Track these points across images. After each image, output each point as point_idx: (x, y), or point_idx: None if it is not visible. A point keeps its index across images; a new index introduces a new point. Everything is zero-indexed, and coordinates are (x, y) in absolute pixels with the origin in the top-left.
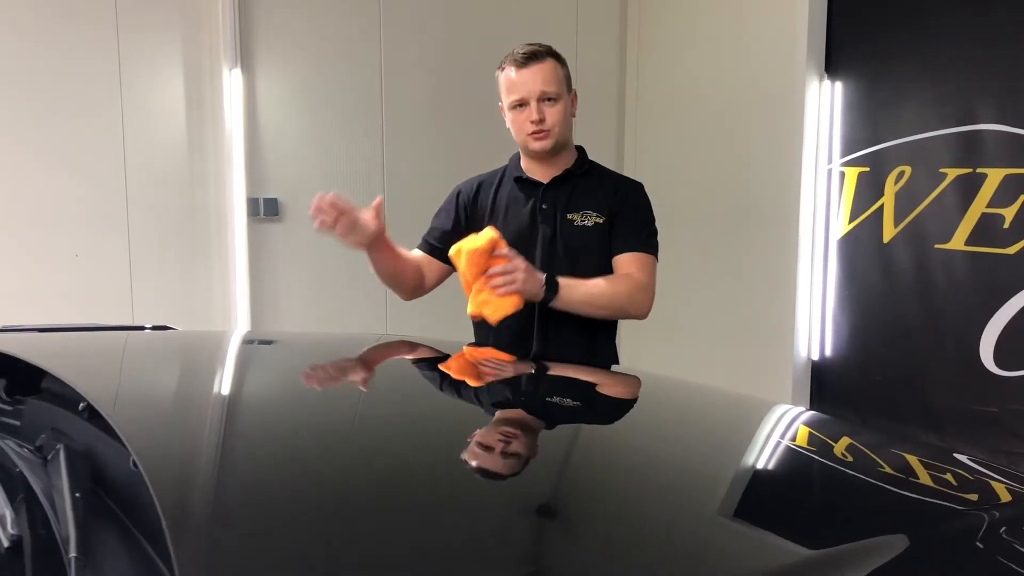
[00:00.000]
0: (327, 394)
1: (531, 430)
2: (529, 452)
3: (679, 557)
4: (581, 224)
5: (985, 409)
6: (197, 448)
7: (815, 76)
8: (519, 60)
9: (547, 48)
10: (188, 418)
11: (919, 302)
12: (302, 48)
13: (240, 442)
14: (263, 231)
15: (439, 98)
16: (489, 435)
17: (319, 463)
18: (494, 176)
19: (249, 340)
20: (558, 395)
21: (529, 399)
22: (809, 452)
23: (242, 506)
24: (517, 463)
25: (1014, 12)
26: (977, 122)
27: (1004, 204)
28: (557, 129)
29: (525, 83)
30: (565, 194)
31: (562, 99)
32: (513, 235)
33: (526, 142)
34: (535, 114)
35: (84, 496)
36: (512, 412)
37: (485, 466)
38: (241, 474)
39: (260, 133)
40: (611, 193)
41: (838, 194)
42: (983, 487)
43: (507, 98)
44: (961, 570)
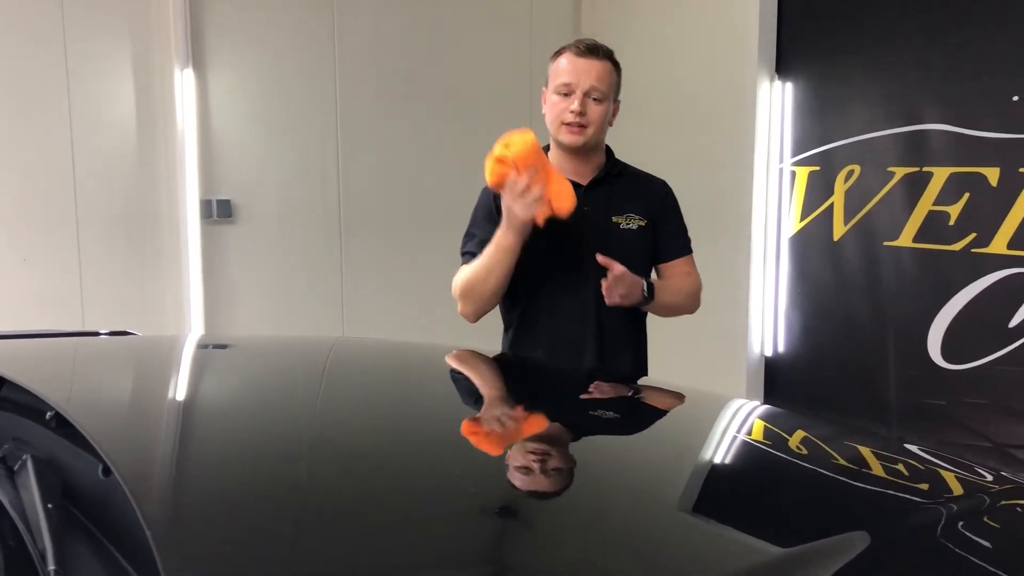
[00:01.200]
0: (299, 397)
1: (494, 432)
2: (497, 454)
3: (639, 556)
4: (627, 227)
5: (933, 402)
6: (172, 455)
7: (766, 77)
8: (580, 49)
9: (609, 50)
10: (159, 426)
11: (869, 298)
12: (255, 47)
13: (214, 448)
14: (216, 233)
15: (394, 98)
16: (451, 437)
17: (296, 467)
18: None
19: (213, 344)
20: (522, 397)
21: (495, 400)
22: (767, 446)
23: (221, 513)
24: (486, 465)
25: (958, 15)
26: (923, 122)
27: (949, 202)
28: (593, 129)
29: (578, 72)
30: (606, 196)
31: (607, 102)
32: (557, 238)
33: (559, 132)
34: (578, 104)
35: (56, 507)
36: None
37: (450, 466)
38: (217, 480)
39: (213, 134)
40: (650, 196)
41: (789, 193)
42: (934, 477)
43: (555, 81)
44: (915, 561)
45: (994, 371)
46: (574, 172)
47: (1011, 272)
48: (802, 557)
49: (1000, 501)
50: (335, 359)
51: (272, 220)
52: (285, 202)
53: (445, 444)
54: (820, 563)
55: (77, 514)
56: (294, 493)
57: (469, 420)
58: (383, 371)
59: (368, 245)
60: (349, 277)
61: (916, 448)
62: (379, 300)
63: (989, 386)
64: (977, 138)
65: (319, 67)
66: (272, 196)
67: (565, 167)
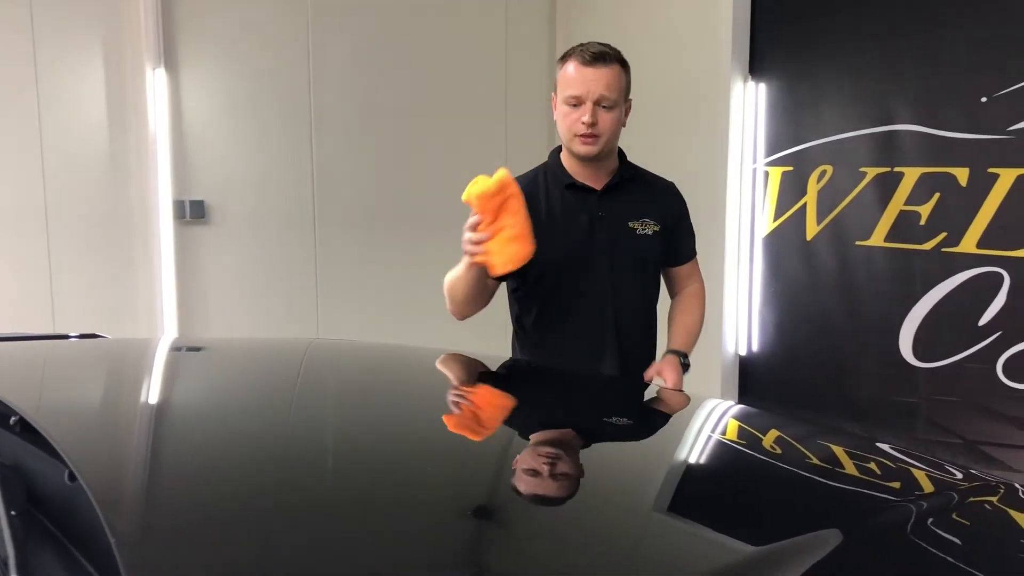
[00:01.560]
0: (272, 400)
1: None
2: (470, 453)
3: (613, 556)
4: (643, 232)
5: (905, 400)
6: (139, 461)
7: (740, 78)
8: (586, 58)
9: (616, 53)
10: (128, 431)
11: (841, 297)
12: (228, 47)
13: (182, 453)
14: (189, 234)
15: (369, 97)
16: (427, 441)
17: (267, 473)
18: (535, 180)
19: (183, 348)
20: (499, 399)
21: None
22: (741, 446)
23: (187, 520)
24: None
25: (929, 17)
26: (894, 122)
27: (920, 202)
28: (606, 137)
29: (586, 82)
30: (621, 201)
31: (618, 107)
32: (573, 245)
33: (572, 143)
34: (589, 116)
35: (21, 514)
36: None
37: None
38: (185, 487)
39: (185, 134)
40: (662, 200)
41: (763, 193)
42: (905, 475)
43: (563, 91)
44: (886, 558)
45: (964, 369)
46: (589, 177)
47: (980, 271)
48: (775, 555)
49: (969, 498)
50: (310, 362)
51: (246, 221)
52: (259, 203)
53: (421, 449)
54: (793, 561)
55: (43, 520)
56: (263, 500)
57: (446, 423)
58: (359, 374)
59: (343, 246)
60: (324, 278)
61: (888, 447)
62: (354, 301)
63: (960, 384)
64: (947, 139)
65: (293, 67)
66: (246, 197)
67: (579, 173)
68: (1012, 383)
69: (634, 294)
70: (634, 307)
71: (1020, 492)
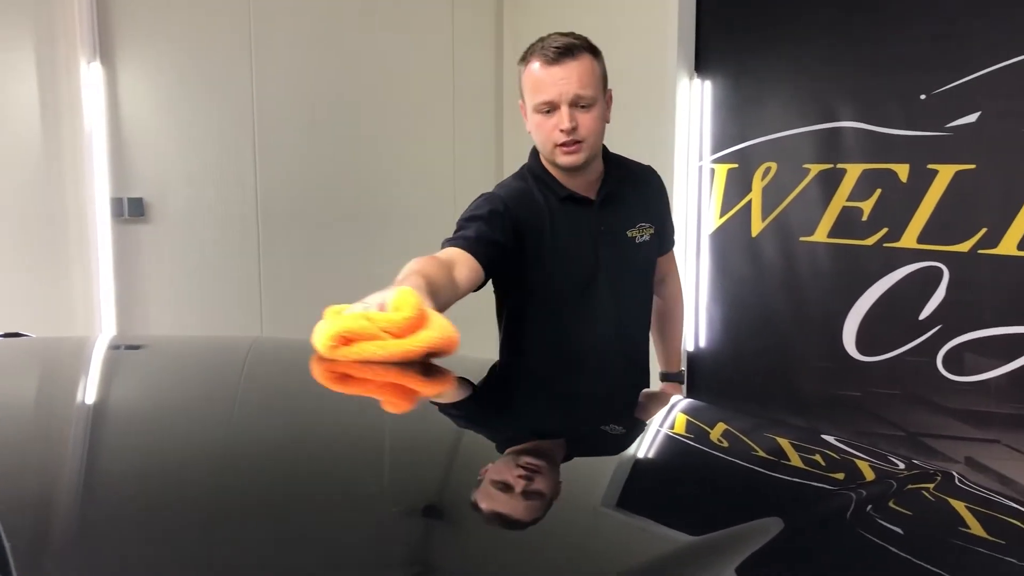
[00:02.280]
0: (212, 403)
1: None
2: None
3: (552, 550)
4: (642, 240)
5: (848, 393)
6: (53, 475)
7: (685, 75)
8: (551, 55)
9: (583, 41)
10: (43, 438)
11: (786, 293)
12: (167, 39)
13: (105, 465)
14: (128, 232)
15: (313, 92)
16: (377, 442)
17: (203, 485)
18: (524, 190)
19: (114, 345)
20: (446, 398)
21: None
22: (687, 440)
23: (105, 532)
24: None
25: (870, 15)
26: (837, 120)
27: (862, 198)
28: (591, 140)
29: (556, 83)
30: (618, 211)
31: (598, 103)
32: (577, 264)
33: (553, 155)
34: (567, 122)
35: None
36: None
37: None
38: (103, 507)
39: (123, 130)
40: (650, 195)
41: (709, 190)
42: (847, 465)
43: (532, 98)
44: (826, 543)
45: (905, 362)
46: (581, 186)
47: (921, 265)
48: (714, 544)
49: (907, 486)
50: (254, 360)
51: (187, 219)
52: (201, 200)
53: (368, 450)
54: (733, 549)
55: None
56: (194, 507)
57: (394, 422)
58: (305, 372)
59: (286, 245)
60: (267, 278)
61: (832, 438)
62: (298, 301)
63: (901, 377)
64: (888, 135)
65: (235, 60)
66: (187, 194)
67: (570, 181)
68: (951, 376)
69: (640, 308)
70: (640, 321)
71: (956, 480)
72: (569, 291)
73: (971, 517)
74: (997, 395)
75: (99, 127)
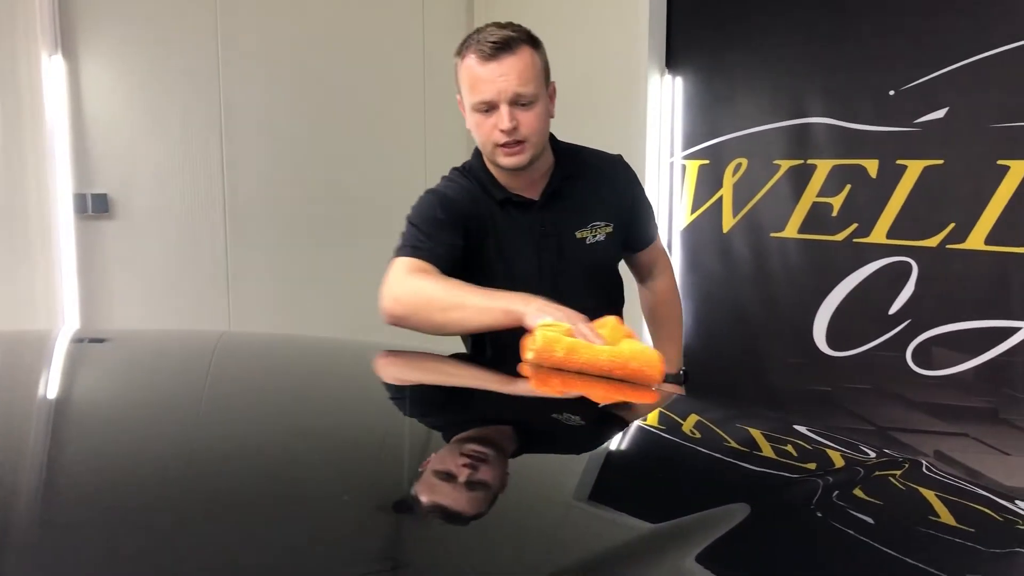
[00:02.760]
0: (177, 397)
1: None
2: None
3: (519, 540)
4: (594, 240)
5: (819, 389)
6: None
7: (656, 71)
8: (487, 51)
9: (522, 33)
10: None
11: (757, 289)
12: (132, 32)
13: (59, 467)
14: (92, 228)
15: (281, 88)
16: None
17: (160, 476)
18: (466, 189)
19: (79, 339)
20: (416, 395)
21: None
22: (659, 431)
23: (66, 530)
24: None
25: (839, 12)
26: (807, 116)
27: (832, 194)
28: (534, 139)
29: (494, 81)
30: (564, 209)
31: (539, 100)
32: (519, 270)
33: (494, 155)
34: (507, 122)
35: None
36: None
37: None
38: (63, 495)
39: (87, 124)
40: (609, 191)
41: (680, 186)
42: (817, 454)
43: (469, 97)
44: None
45: (876, 357)
46: (523, 186)
47: (890, 261)
48: (680, 529)
49: (874, 473)
50: (221, 354)
51: (153, 215)
52: (166, 197)
53: (337, 447)
54: (698, 534)
55: None
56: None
57: (364, 419)
58: (275, 366)
59: (255, 243)
60: (235, 276)
61: (805, 428)
62: (267, 302)
63: (871, 371)
64: (857, 131)
65: (201, 55)
66: (152, 191)
67: (512, 182)
68: (921, 370)
69: (596, 312)
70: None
71: (924, 468)
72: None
73: (938, 503)
74: (965, 389)
75: (61, 122)
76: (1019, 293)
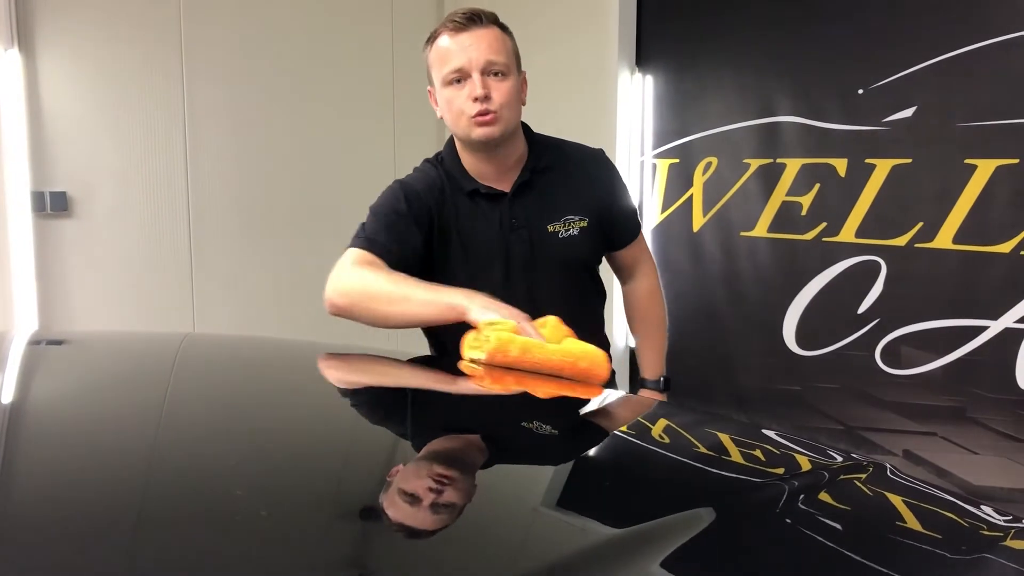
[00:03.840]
0: (134, 399)
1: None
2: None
3: (485, 547)
4: (567, 234)
5: (789, 388)
6: None
7: (627, 70)
8: (459, 22)
9: (492, 14)
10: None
11: (727, 288)
12: (92, 26)
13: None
14: (51, 227)
15: (246, 85)
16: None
17: (119, 484)
18: (438, 186)
19: (35, 341)
20: (385, 398)
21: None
22: (628, 436)
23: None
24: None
25: (807, 11)
26: (776, 114)
27: (801, 192)
28: (507, 113)
29: (465, 50)
30: (536, 201)
31: (512, 75)
32: (485, 264)
33: (468, 129)
34: (479, 88)
35: None
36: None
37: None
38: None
39: (44, 120)
40: (585, 185)
41: (651, 185)
42: (784, 458)
43: (440, 70)
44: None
45: (845, 356)
46: (494, 177)
47: (859, 260)
48: (645, 534)
49: (838, 476)
50: (184, 357)
51: (114, 214)
52: (128, 195)
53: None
54: (663, 539)
55: None
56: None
57: (329, 423)
58: (240, 369)
59: (219, 242)
60: (199, 276)
61: (772, 432)
62: (231, 301)
63: (840, 371)
64: (826, 130)
65: (164, 50)
66: (114, 189)
67: (482, 172)
68: (889, 369)
69: (566, 308)
70: (569, 322)
71: (888, 471)
72: (483, 291)
73: (902, 507)
74: (934, 388)
75: (18, 118)
76: (987, 292)
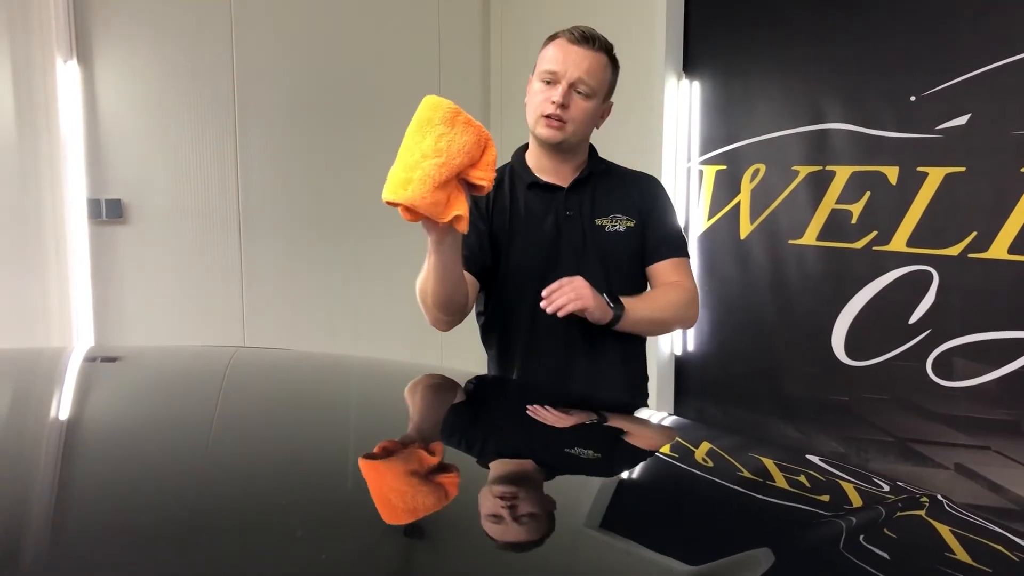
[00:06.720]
0: (183, 420)
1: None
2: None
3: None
4: (613, 229)
5: (837, 398)
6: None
7: (674, 76)
8: (575, 36)
9: (607, 42)
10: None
11: (775, 296)
12: (146, 37)
13: (76, 481)
14: (106, 234)
15: (296, 91)
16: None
17: (173, 502)
18: (500, 181)
19: (91, 358)
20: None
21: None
22: (672, 460)
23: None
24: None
25: (858, 17)
26: (825, 121)
27: (851, 200)
28: (574, 127)
29: (567, 60)
30: (589, 197)
31: (595, 99)
32: (537, 247)
33: (537, 125)
34: (559, 95)
35: None
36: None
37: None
38: (77, 521)
39: (101, 130)
40: (636, 193)
41: (698, 191)
42: (834, 488)
43: (541, 66)
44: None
45: (895, 367)
46: (554, 174)
47: (910, 269)
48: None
49: (896, 512)
50: (234, 372)
51: (167, 221)
52: (180, 202)
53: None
54: None
55: None
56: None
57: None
58: (290, 387)
59: (269, 248)
60: (250, 282)
61: (817, 459)
62: (281, 307)
63: (890, 382)
64: (877, 137)
65: (216, 60)
66: (166, 196)
67: (544, 170)
68: (941, 381)
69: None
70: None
71: (945, 505)
72: (533, 275)
73: (957, 544)
74: (987, 401)
75: (76, 127)
76: None
